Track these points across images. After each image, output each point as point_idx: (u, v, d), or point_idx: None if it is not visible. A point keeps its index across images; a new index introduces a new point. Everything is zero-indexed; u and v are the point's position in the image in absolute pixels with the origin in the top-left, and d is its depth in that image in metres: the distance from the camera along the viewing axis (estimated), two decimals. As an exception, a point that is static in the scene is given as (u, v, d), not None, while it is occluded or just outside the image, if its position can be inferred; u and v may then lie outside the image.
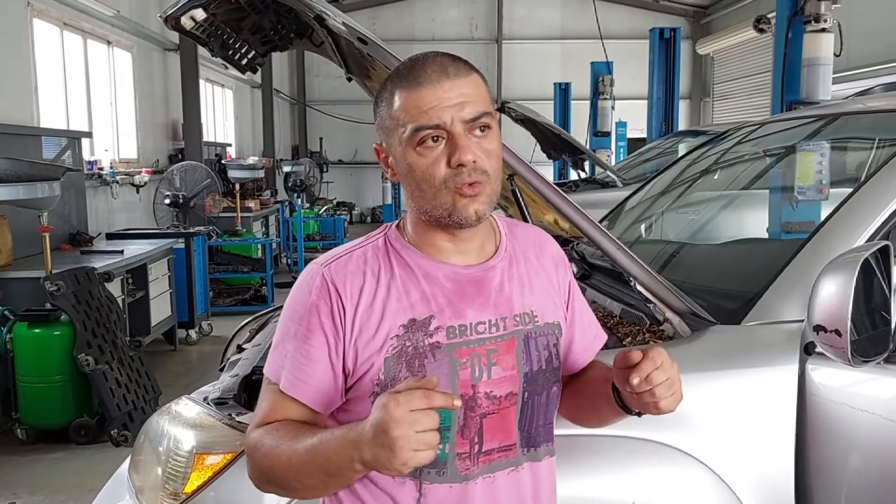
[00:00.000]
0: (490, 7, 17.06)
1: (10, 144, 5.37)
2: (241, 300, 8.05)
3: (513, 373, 1.21)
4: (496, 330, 1.21)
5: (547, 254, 1.34)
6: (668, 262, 2.55)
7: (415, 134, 1.14)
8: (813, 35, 4.47)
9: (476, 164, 1.14)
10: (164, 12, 2.04)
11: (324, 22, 1.90)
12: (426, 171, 1.14)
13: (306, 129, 17.64)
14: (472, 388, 1.19)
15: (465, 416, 1.18)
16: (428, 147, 1.14)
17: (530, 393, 1.23)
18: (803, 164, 2.93)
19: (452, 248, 1.22)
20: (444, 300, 1.20)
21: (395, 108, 1.16)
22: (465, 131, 1.14)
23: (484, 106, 1.16)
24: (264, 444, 1.15)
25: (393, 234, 1.25)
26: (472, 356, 1.19)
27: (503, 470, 1.22)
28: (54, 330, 4.29)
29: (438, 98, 1.13)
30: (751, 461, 1.60)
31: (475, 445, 1.20)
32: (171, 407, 1.86)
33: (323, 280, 1.19)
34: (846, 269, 1.44)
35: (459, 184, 1.14)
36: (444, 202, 1.15)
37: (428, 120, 1.13)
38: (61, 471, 4.03)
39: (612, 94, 10.37)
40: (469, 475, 1.19)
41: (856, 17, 8.96)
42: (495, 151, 1.17)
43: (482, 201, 1.16)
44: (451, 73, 1.15)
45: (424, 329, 1.17)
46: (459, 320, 1.19)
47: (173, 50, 9.31)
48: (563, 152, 8.30)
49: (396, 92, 1.16)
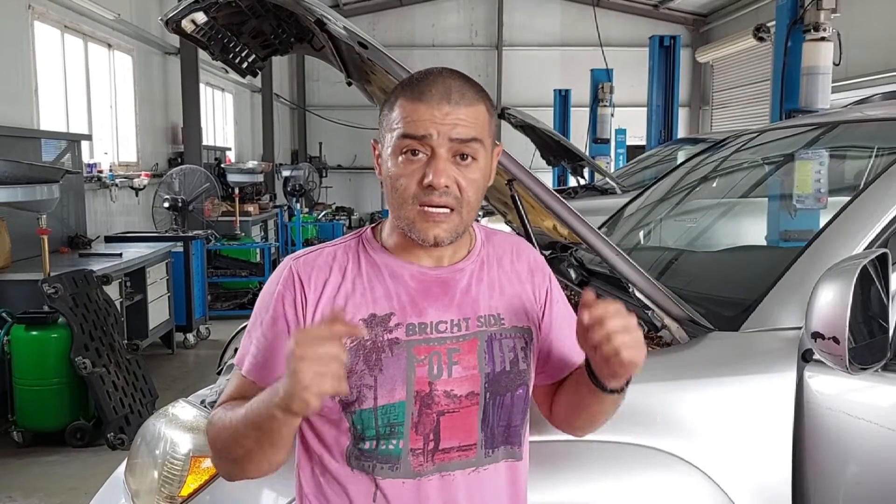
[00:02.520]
0: (490, 14, 17.08)
1: (9, 146, 5.37)
2: (239, 304, 8.04)
3: (474, 372, 1.22)
4: (458, 330, 1.22)
5: (523, 260, 1.34)
6: (667, 269, 2.55)
7: (401, 140, 1.16)
8: (812, 44, 4.48)
9: (448, 189, 1.15)
10: (165, 15, 2.05)
11: (324, 26, 1.90)
12: (400, 181, 1.17)
13: (306, 134, 17.64)
14: (428, 385, 1.20)
15: (420, 412, 1.19)
16: (409, 159, 1.16)
17: (492, 393, 1.24)
18: (802, 172, 2.93)
19: (423, 253, 1.24)
20: (407, 298, 1.22)
21: (393, 111, 1.18)
22: (449, 153, 1.15)
23: (477, 132, 1.16)
24: (216, 419, 1.19)
25: (367, 236, 1.28)
26: (432, 354, 1.20)
27: (463, 469, 1.23)
28: (52, 332, 4.29)
29: (432, 116, 1.15)
30: (748, 468, 1.60)
31: (430, 442, 1.21)
32: (168, 410, 1.85)
33: (290, 272, 1.24)
34: (844, 277, 1.45)
35: (425, 203, 1.15)
36: (407, 216, 1.17)
37: (415, 130, 1.15)
38: (57, 474, 4.01)
39: (611, 101, 10.39)
40: (422, 472, 1.21)
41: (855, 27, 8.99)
42: (476, 183, 1.18)
43: (445, 229, 1.17)
44: (455, 98, 1.16)
45: (384, 325, 1.20)
46: (420, 318, 1.21)
47: (174, 53, 9.32)
48: (563, 159, 8.30)
49: (400, 98, 1.18)
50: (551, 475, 1.51)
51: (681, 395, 1.62)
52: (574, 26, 16.36)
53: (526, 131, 8.01)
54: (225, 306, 7.96)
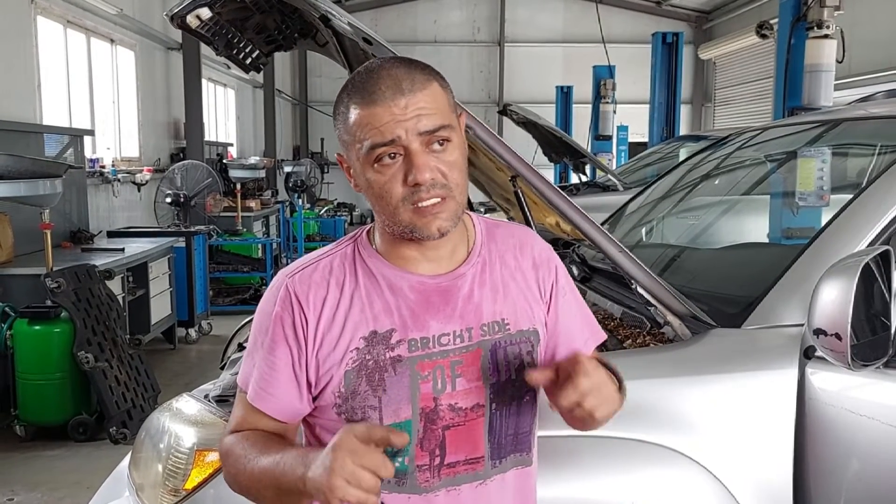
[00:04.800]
0: (492, 10, 17.06)
1: (12, 141, 5.37)
2: (241, 300, 8.05)
3: (478, 384, 1.19)
4: (461, 341, 1.18)
5: (527, 255, 1.28)
6: (669, 266, 2.56)
7: (371, 151, 1.10)
8: (815, 41, 4.48)
9: (434, 180, 1.10)
10: (170, 10, 2.05)
11: (329, 22, 1.91)
12: (383, 188, 1.11)
13: (308, 130, 17.64)
14: (433, 401, 1.17)
15: (426, 428, 1.17)
16: (385, 164, 1.11)
17: (498, 404, 1.20)
18: (804, 169, 2.93)
19: (420, 256, 1.19)
20: (408, 312, 1.17)
21: (350, 123, 1.12)
22: (423, 145, 1.10)
23: (442, 118, 1.12)
24: (234, 452, 1.18)
25: (363, 241, 1.23)
26: (435, 368, 1.17)
27: (469, 483, 1.20)
28: (54, 327, 4.30)
29: (392, 115, 1.09)
30: (750, 464, 1.61)
31: (436, 458, 1.18)
32: (172, 404, 1.86)
33: (287, 291, 1.18)
34: (847, 274, 1.45)
35: (416, 201, 1.10)
36: (403, 220, 1.12)
37: (382, 137, 1.09)
38: (59, 468, 4.03)
39: (613, 97, 10.37)
40: (429, 487, 1.18)
41: (858, 26, 8.98)
42: (457, 163, 1.13)
43: (444, 218, 1.13)
44: (406, 87, 1.10)
45: (385, 342, 1.16)
46: (422, 333, 1.17)
47: (176, 49, 9.32)
48: (565, 155, 8.31)
49: (352, 106, 1.12)
50: (554, 471, 1.51)
51: (683, 392, 1.63)
52: (576, 22, 16.34)
53: (528, 128, 8.01)
54: (227, 302, 7.97)
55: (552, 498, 1.50)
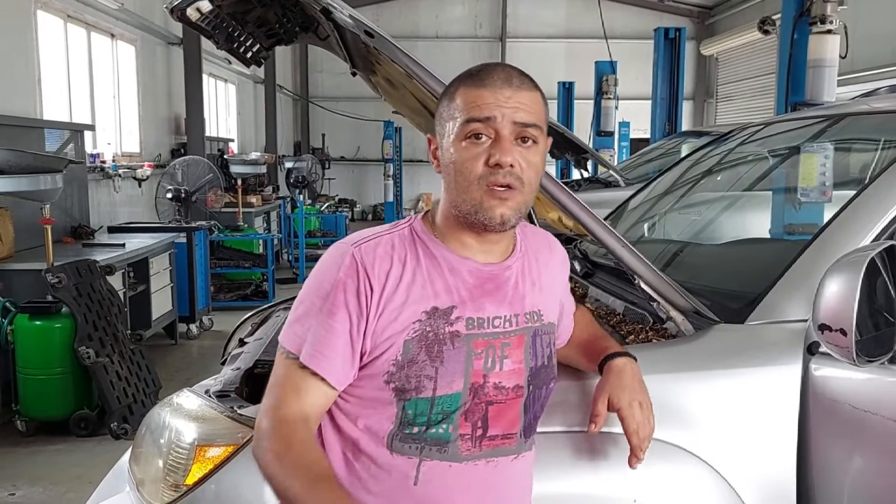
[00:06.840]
0: (494, 5, 17.04)
1: (13, 136, 5.37)
2: (242, 295, 8.05)
3: (520, 366, 1.28)
4: (510, 325, 1.27)
5: (556, 255, 1.42)
6: (671, 262, 2.55)
7: (465, 125, 1.19)
8: (818, 36, 4.45)
9: (513, 168, 1.18)
10: (170, 3, 2.03)
11: (330, 15, 1.89)
12: (465, 163, 1.19)
13: (309, 126, 17.64)
14: (483, 378, 1.24)
15: (472, 401, 1.24)
16: (474, 142, 1.19)
17: (534, 387, 1.30)
18: (806, 165, 2.92)
19: (476, 246, 1.27)
20: (466, 293, 1.25)
21: (455, 102, 1.22)
22: (512, 135, 1.19)
23: (537, 119, 1.21)
24: (273, 449, 1.17)
25: (419, 226, 1.29)
26: (487, 347, 1.24)
27: (506, 457, 1.29)
28: (55, 322, 4.30)
29: (496, 99, 1.18)
30: (753, 460, 1.60)
31: (478, 429, 1.26)
32: (173, 399, 1.85)
33: (353, 259, 1.22)
34: (852, 269, 1.44)
35: (492, 183, 1.18)
36: (474, 197, 1.19)
37: (480, 113, 1.18)
38: (61, 463, 4.03)
39: (615, 93, 10.34)
40: (470, 456, 1.25)
41: (861, 21, 8.96)
42: (536, 165, 1.22)
43: (510, 206, 1.20)
44: (515, 83, 1.20)
45: (446, 318, 1.22)
46: (478, 313, 1.25)
47: (177, 44, 9.31)
48: (566, 151, 8.26)
49: (461, 87, 1.22)
50: (556, 466, 1.51)
51: (686, 388, 1.62)
52: (579, 18, 16.32)
53: (529, 123, 7.98)
54: (228, 297, 7.98)
55: (555, 494, 1.50)
